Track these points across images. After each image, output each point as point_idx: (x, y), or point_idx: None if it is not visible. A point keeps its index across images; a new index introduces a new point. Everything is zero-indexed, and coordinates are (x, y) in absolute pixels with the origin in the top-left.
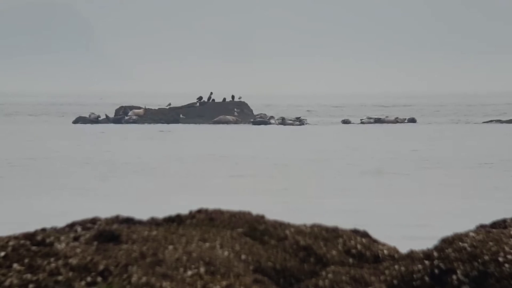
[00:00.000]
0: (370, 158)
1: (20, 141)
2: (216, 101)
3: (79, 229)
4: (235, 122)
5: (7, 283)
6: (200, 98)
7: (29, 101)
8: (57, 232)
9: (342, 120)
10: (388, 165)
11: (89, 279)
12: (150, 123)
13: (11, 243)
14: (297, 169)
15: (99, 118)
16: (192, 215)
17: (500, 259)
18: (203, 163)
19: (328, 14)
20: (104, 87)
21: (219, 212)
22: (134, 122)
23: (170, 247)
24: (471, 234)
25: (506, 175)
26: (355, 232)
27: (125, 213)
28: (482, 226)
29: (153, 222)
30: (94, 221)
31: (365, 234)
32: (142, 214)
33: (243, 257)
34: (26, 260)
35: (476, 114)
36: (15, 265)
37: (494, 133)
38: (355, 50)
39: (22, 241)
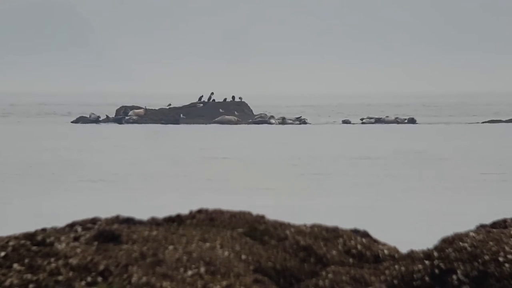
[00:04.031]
0: (370, 158)
1: (21, 141)
2: (216, 101)
3: (79, 229)
4: (236, 122)
5: (7, 283)
6: (200, 97)
7: (29, 101)
8: (57, 232)
9: (342, 120)
10: (388, 164)
11: (89, 279)
12: (150, 123)
13: (11, 243)
14: (297, 169)
15: (99, 118)
16: (192, 215)
17: (500, 259)
18: (203, 164)
19: (329, 12)
20: (104, 87)
21: (219, 212)
22: (135, 122)
23: (170, 247)
24: (471, 234)
25: (506, 174)
26: (355, 232)
27: (125, 213)
28: (482, 226)
29: (153, 222)
30: (94, 221)
31: (365, 234)
32: (142, 214)
33: (243, 257)
34: (26, 260)
35: (477, 114)
36: (15, 265)
37: (494, 133)
38: (356, 50)
39: (22, 241)
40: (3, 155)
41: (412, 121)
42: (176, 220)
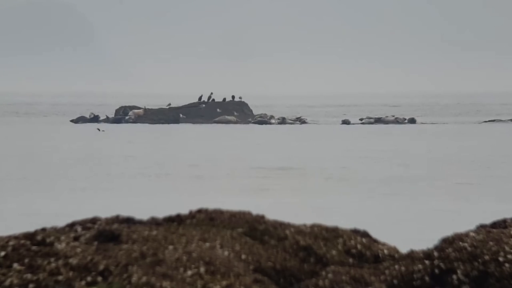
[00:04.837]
0: (369, 158)
1: (19, 141)
2: (216, 101)
3: (79, 229)
4: (235, 122)
5: (7, 283)
6: (200, 97)
7: (28, 100)
8: (57, 232)
9: (342, 120)
10: (387, 164)
11: (89, 279)
12: (150, 123)
13: (11, 243)
14: (297, 169)
15: (99, 118)
16: (192, 215)
17: (501, 259)
18: (203, 164)
19: (330, 12)
20: (103, 87)
21: (219, 212)
22: (134, 122)
23: (170, 247)
24: (471, 234)
25: (506, 174)
26: (355, 232)
27: (125, 212)
28: (482, 226)
29: (153, 222)
30: (94, 221)
31: (365, 234)
32: (142, 214)
33: (243, 257)
34: (26, 260)
35: (477, 114)
36: (15, 265)
37: (494, 133)
38: (356, 50)
39: (22, 241)
40: (2, 155)
41: (412, 121)
42: (176, 220)
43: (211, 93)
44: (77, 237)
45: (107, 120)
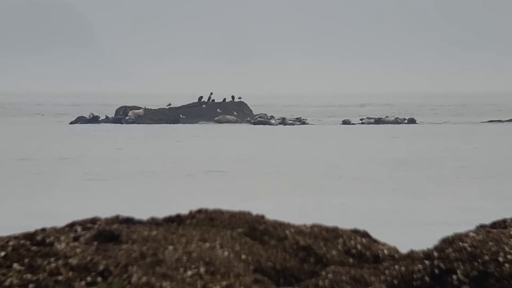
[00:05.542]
0: (369, 158)
1: (20, 141)
2: (216, 101)
3: (79, 229)
4: (235, 122)
5: (7, 283)
6: (200, 98)
7: (28, 100)
8: (57, 232)
9: (342, 120)
10: (387, 164)
11: (89, 279)
12: (150, 123)
13: (11, 243)
14: (298, 169)
15: (99, 118)
16: (192, 215)
17: (500, 259)
18: (203, 164)
19: (330, 12)
20: (103, 87)
21: (219, 212)
22: (134, 122)
23: (170, 247)
24: (471, 234)
25: (505, 174)
26: (355, 232)
27: (125, 213)
28: (482, 226)
29: (153, 222)
30: (94, 221)
31: (365, 234)
32: (142, 214)
33: (243, 257)
34: (26, 260)
35: (477, 114)
36: (15, 265)
37: (494, 133)
38: (356, 50)
39: (22, 241)
40: (2, 155)
41: (412, 121)
42: (176, 220)
43: (211, 93)
44: (77, 237)
45: (107, 120)
